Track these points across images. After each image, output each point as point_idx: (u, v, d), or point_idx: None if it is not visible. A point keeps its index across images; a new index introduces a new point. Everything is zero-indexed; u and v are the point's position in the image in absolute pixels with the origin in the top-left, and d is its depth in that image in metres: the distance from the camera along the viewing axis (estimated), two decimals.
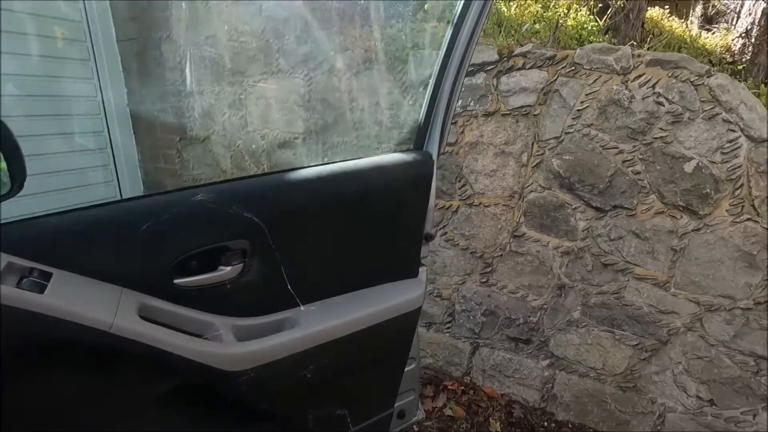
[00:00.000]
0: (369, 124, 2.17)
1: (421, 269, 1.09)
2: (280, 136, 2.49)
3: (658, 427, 1.92)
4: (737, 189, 1.56)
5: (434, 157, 1.08)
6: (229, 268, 0.83)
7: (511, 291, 2.02)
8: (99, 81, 2.65)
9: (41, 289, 0.61)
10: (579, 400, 2.02)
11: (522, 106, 1.81)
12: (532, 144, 1.82)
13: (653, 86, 1.59)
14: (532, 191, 1.85)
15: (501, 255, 1.98)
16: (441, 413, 2.05)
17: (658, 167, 1.65)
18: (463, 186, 1.99)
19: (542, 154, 1.80)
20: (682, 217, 1.66)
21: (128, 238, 0.72)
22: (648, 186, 1.68)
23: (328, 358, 0.91)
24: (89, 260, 0.70)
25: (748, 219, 1.57)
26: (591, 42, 2.02)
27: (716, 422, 1.81)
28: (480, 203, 1.96)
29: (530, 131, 1.82)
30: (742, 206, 1.57)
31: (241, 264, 0.84)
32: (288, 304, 0.93)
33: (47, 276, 0.63)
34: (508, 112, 1.84)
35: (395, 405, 1.16)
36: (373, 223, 1.00)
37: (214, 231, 0.80)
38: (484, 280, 2.06)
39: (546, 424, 2.04)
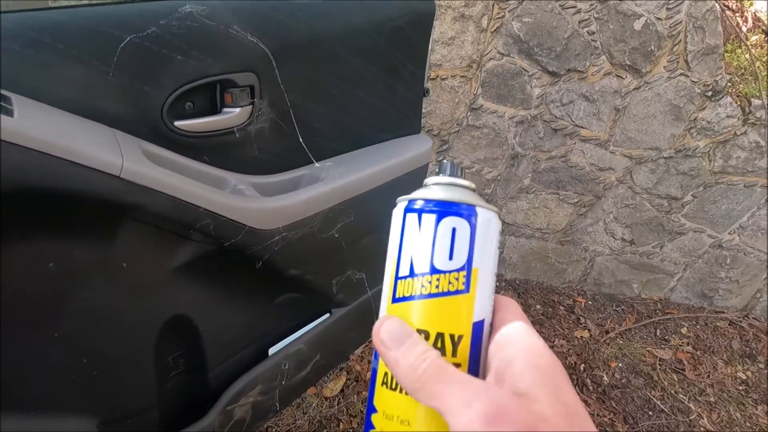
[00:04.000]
0: None
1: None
2: None
3: (588, 270, 2.25)
4: (675, 45, 1.68)
5: None
6: (237, 110, 0.66)
7: (466, 167, 2.06)
8: None
9: (8, 113, 0.41)
10: (525, 258, 2.25)
11: None
12: (493, 5, 1.72)
13: None
14: (491, 59, 1.80)
15: (458, 131, 1.97)
16: None
17: (611, 26, 1.68)
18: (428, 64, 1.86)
19: (502, 17, 1.73)
20: (626, 76, 1.77)
21: (103, 57, 0.52)
22: (600, 47, 1.72)
23: (352, 215, 0.83)
24: (49, 83, 0.49)
25: (680, 74, 1.73)
26: None
27: (633, 257, 2.17)
28: (437, 76, 1.87)
29: None
30: (677, 62, 1.71)
31: (250, 106, 0.68)
32: (300, 161, 0.80)
33: (5, 100, 0.43)
34: None
35: None
36: (379, 66, 0.87)
37: (213, 57, 0.61)
38: (440, 158, 2.05)
39: (498, 283, 2.28)
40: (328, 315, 0.95)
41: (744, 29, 1.92)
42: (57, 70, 0.49)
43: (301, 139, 0.78)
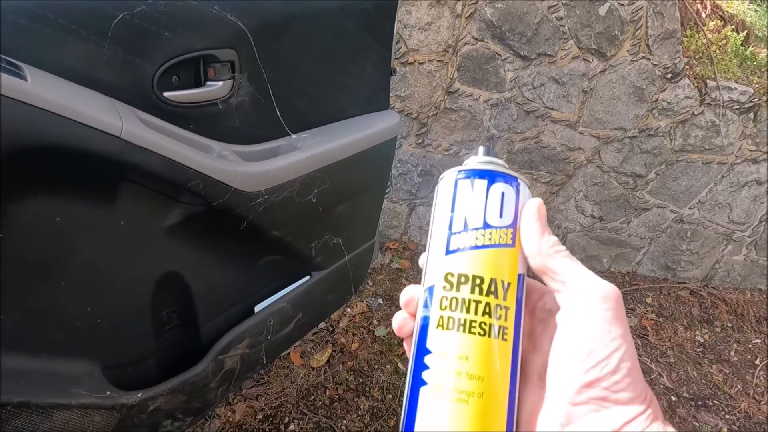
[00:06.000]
0: None
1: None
2: None
3: None
4: (637, 29, 1.78)
5: None
6: (219, 84, 0.73)
7: (444, 149, 2.15)
8: None
9: (22, 78, 0.48)
10: None
11: None
12: None
13: None
14: (466, 44, 1.88)
15: (435, 114, 2.05)
16: (389, 267, 2.26)
17: (577, 12, 1.78)
18: (396, 43, 1.93)
19: (476, 2, 1.81)
20: (593, 60, 1.87)
21: (99, 32, 0.59)
22: (568, 32, 1.82)
23: (328, 182, 0.91)
24: (52, 55, 0.56)
25: (642, 57, 1.83)
26: None
27: (602, 233, 2.30)
28: (414, 61, 1.95)
29: None
30: (639, 46, 1.82)
31: (231, 80, 0.75)
32: (278, 133, 0.88)
33: (18, 67, 0.50)
34: None
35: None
36: (348, 46, 0.94)
37: (196, 34, 0.68)
38: (419, 141, 2.14)
39: None
40: (308, 277, 1.03)
41: (703, 15, 2.03)
42: (59, 43, 0.56)
43: (278, 113, 0.85)
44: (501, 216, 0.31)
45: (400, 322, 0.32)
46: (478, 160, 0.34)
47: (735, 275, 2.32)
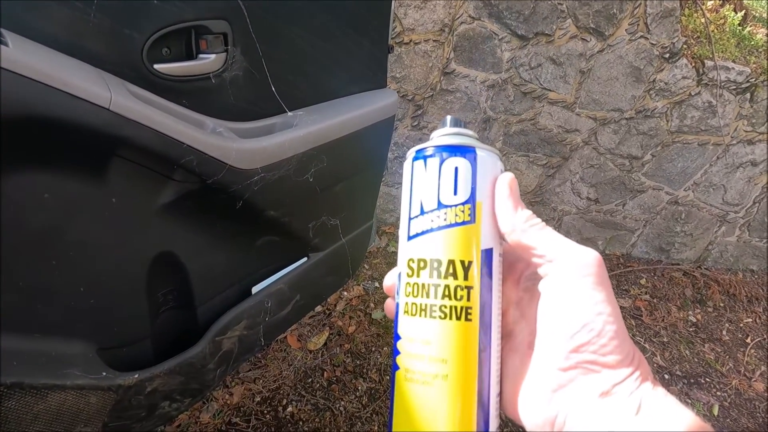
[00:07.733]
0: None
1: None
2: None
3: (556, 229, 2.38)
4: (636, 8, 1.76)
5: None
6: (212, 57, 0.70)
7: None
8: None
9: (3, 43, 0.45)
10: None
11: None
12: None
13: None
14: (462, 23, 1.85)
15: (432, 95, 2.03)
16: (385, 251, 2.25)
17: None
18: (392, 22, 1.89)
19: None
20: (590, 39, 1.84)
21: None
22: (566, 10, 1.79)
23: (325, 161, 0.89)
24: (37, 22, 0.53)
25: (641, 37, 1.81)
26: None
27: (598, 215, 2.30)
28: (410, 41, 1.91)
29: None
30: (638, 25, 1.79)
31: (224, 53, 0.72)
32: (273, 110, 0.85)
33: None
34: None
35: None
36: (345, 22, 0.92)
37: (187, 3, 0.65)
38: (415, 123, 2.12)
39: None
40: (306, 259, 1.02)
41: None
42: (43, 9, 0.53)
43: (273, 89, 0.83)
44: (456, 193, 0.30)
45: (388, 307, 0.34)
46: (439, 133, 0.33)
47: (728, 256, 2.35)
